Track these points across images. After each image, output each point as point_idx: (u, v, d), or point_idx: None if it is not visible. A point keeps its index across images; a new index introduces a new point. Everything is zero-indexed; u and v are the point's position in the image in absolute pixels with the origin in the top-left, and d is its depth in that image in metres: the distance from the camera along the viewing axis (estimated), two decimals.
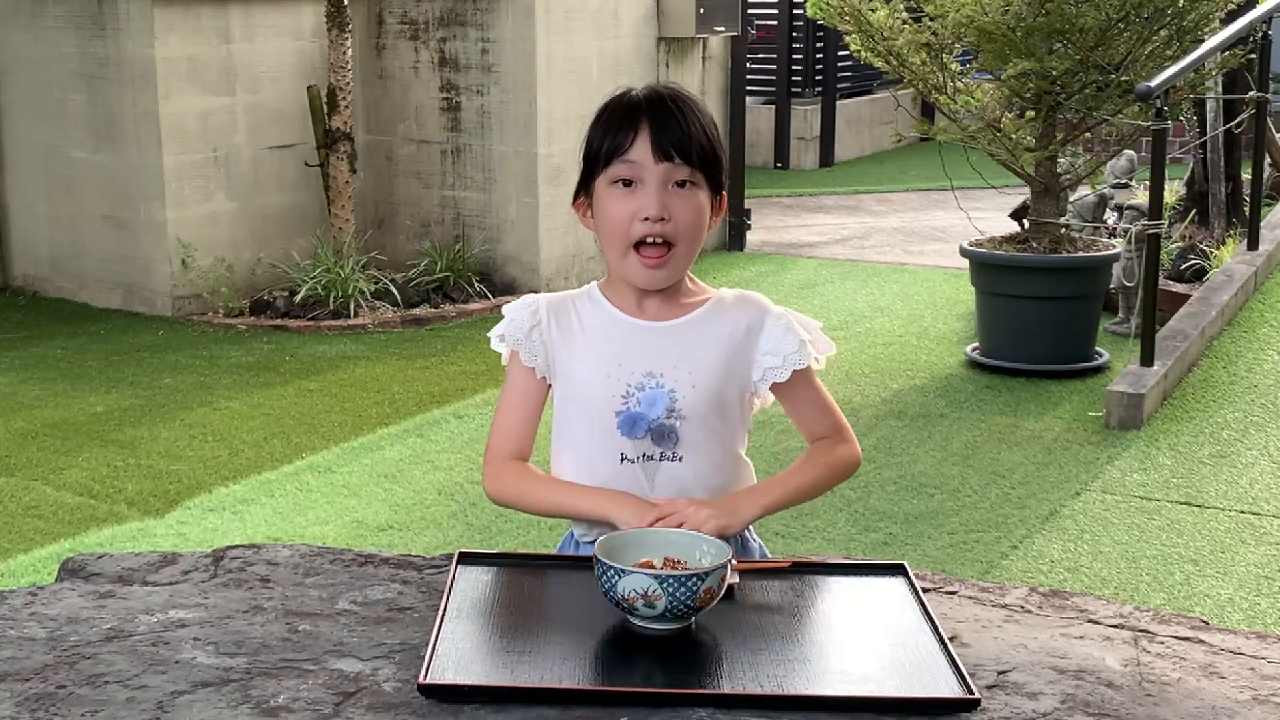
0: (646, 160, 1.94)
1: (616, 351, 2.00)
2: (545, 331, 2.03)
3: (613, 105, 2.01)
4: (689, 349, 2.00)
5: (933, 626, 1.66)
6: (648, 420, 1.97)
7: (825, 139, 12.69)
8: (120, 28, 7.42)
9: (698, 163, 1.95)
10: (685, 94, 2.02)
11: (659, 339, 2.01)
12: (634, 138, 1.95)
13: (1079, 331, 6.45)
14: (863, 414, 5.88)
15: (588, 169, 2.01)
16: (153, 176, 7.43)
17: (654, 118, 1.95)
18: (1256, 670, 1.63)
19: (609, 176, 1.97)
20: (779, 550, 4.22)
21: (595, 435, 1.99)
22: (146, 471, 5.26)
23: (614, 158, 1.96)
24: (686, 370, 1.98)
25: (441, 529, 4.73)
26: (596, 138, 2.00)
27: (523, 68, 7.79)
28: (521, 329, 2.03)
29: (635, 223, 1.95)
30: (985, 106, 6.60)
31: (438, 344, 7.04)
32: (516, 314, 2.05)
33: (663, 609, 1.60)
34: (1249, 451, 5.39)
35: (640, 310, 2.03)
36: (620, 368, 1.99)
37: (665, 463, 1.98)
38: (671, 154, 1.94)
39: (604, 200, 1.98)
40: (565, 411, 2.04)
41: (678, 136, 1.94)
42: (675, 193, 1.95)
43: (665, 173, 1.94)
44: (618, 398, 1.98)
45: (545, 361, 2.03)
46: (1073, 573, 4.37)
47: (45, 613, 1.74)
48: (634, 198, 1.95)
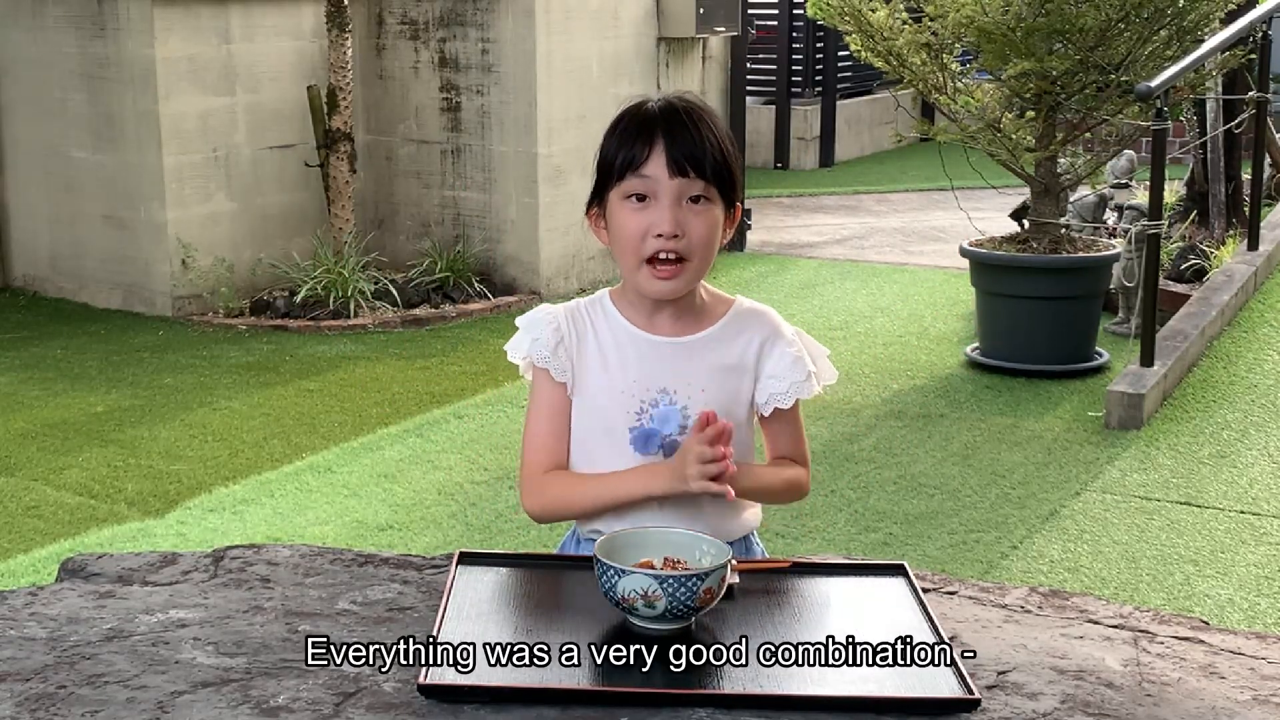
0: (661, 175, 1.93)
1: (631, 368, 2.00)
2: (569, 345, 2.02)
3: (628, 117, 1.98)
4: (702, 366, 2.00)
5: (933, 626, 1.66)
6: (660, 436, 1.97)
7: (825, 139, 12.69)
8: (120, 28, 7.42)
9: (712, 177, 1.94)
10: (700, 106, 1.99)
11: (673, 356, 2.01)
12: (649, 152, 1.93)
13: (1079, 331, 6.45)
14: (863, 414, 5.88)
15: (601, 180, 1.99)
16: (153, 176, 7.43)
17: (669, 131, 1.93)
18: (1256, 670, 1.63)
19: (623, 190, 1.95)
20: (779, 550, 4.22)
21: (608, 451, 2.00)
22: (146, 471, 5.26)
23: (628, 171, 1.94)
24: (699, 388, 1.99)
25: (441, 529, 4.73)
26: (611, 150, 1.97)
27: (523, 68, 7.79)
28: (548, 345, 2.02)
29: (649, 238, 1.94)
30: (985, 106, 6.60)
31: (438, 344, 7.04)
32: (539, 330, 2.03)
33: (663, 609, 1.60)
34: (1249, 451, 5.39)
35: (653, 325, 2.02)
36: (635, 384, 1.99)
37: None
38: (686, 169, 1.92)
39: (617, 214, 1.97)
40: (579, 426, 2.04)
41: (692, 151, 1.93)
42: (689, 208, 1.94)
43: (679, 188, 1.93)
44: (631, 414, 1.99)
45: (572, 376, 2.02)
46: (1073, 573, 4.37)
47: (45, 613, 1.74)
48: (648, 213, 1.94)
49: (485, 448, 5.51)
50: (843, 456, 5.38)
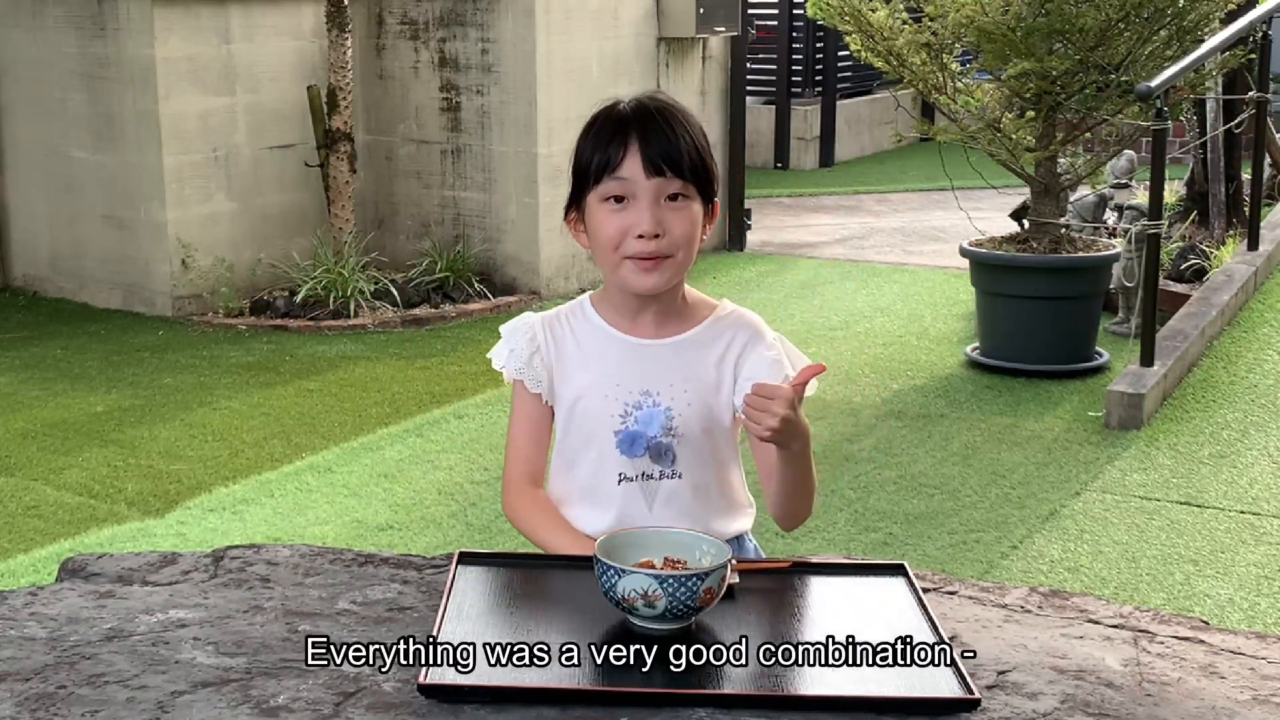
0: (638, 176, 1.93)
1: (613, 371, 2.01)
2: (545, 355, 2.04)
3: (600, 120, 1.99)
4: (684, 368, 2.01)
5: (933, 626, 1.66)
6: (646, 439, 1.98)
7: (825, 139, 12.69)
8: (120, 28, 7.42)
9: (689, 175, 1.95)
10: (672, 105, 2.00)
11: (655, 358, 2.01)
12: (624, 153, 1.93)
13: (1079, 331, 6.45)
14: (863, 414, 5.88)
15: (578, 184, 2.00)
16: (153, 176, 7.43)
17: (643, 132, 1.94)
18: (1256, 670, 1.63)
19: (600, 193, 1.96)
20: (779, 550, 4.22)
21: (594, 454, 2.01)
22: (146, 471, 5.26)
23: (604, 174, 1.95)
24: (682, 389, 2.00)
25: (441, 529, 4.73)
26: (585, 153, 1.98)
27: (523, 68, 7.79)
28: (522, 357, 2.05)
29: (629, 239, 1.95)
30: (985, 106, 6.60)
31: (438, 344, 7.04)
32: (515, 341, 2.06)
33: (663, 609, 1.60)
34: (1249, 451, 5.39)
35: (636, 327, 2.03)
36: (618, 387, 2.00)
37: (664, 480, 2.00)
38: (663, 168, 1.93)
39: (596, 216, 1.97)
40: (564, 431, 2.05)
41: (668, 150, 1.93)
42: (668, 206, 1.95)
43: (657, 188, 1.94)
44: (616, 417, 2.00)
45: (548, 386, 2.05)
46: (1073, 573, 4.37)
47: (45, 613, 1.74)
48: (627, 214, 1.95)
49: (485, 448, 5.51)
50: (843, 456, 5.38)
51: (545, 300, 7.81)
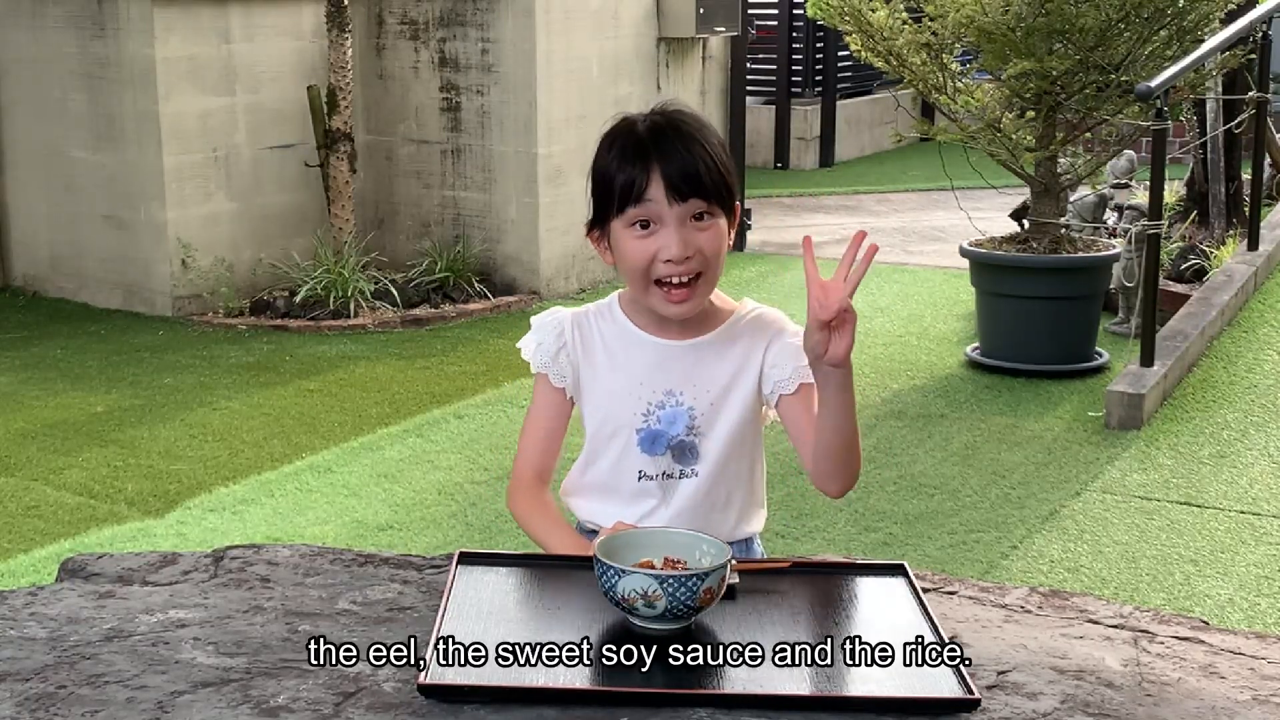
0: (662, 202, 1.93)
1: (638, 370, 2.03)
2: (572, 351, 2.06)
3: (618, 141, 1.97)
4: (708, 367, 2.02)
5: (933, 626, 1.66)
6: (668, 438, 1.99)
7: (825, 139, 12.69)
8: (120, 28, 7.42)
9: (712, 195, 1.95)
10: (689, 119, 1.99)
11: (679, 358, 2.03)
12: (647, 179, 1.93)
13: (1079, 331, 6.45)
14: (863, 414, 5.85)
15: (600, 205, 1.99)
16: (153, 176, 7.43)
17: (662, 155, 1.93)
18: (1256, 670, 1.63)
19: (626, 219, 1.96)
20: (779, 550, 4.22)
21: (615, 452, 2.03)
22: (146, 471, 5.26)
23: (628, 202, 1.94)
24: (705, 388, 2.01)
25: (441, 529, 4.73)
26: (607, 176, 1.97)
27: (523, 68, 7.79)
28: (549, 351, 2.06)
29: (657, 263, 1.95)
30: (985, 106, 6.60)
31: (438, 344, 7.04)
32: (544, 335, 2.07)
33: (663, 609, 1.60)
34: (1249, 451, 5.39)
35: (661, 329, 2.04)
36: (641, 386, 2.02)
37: (684, 479, 2.02)
38: (686, 193, 1.93)
39: (623, 241, 1.98)
40: (588, 427, 2.07)
41: (690, 172, 1.93)
42: (694, 226, 1.95)
43: (682, 211, 1.94)
44: (639, 415, 2.01)
45: (573, 381, 2.06)
46: (1073, 573, 4.37)
47: (45, 613, 1.74)
48: (655, 239, 1.95)
49: (485, 448, 5.51)
50: None
51: (545, 300, 7.81)
